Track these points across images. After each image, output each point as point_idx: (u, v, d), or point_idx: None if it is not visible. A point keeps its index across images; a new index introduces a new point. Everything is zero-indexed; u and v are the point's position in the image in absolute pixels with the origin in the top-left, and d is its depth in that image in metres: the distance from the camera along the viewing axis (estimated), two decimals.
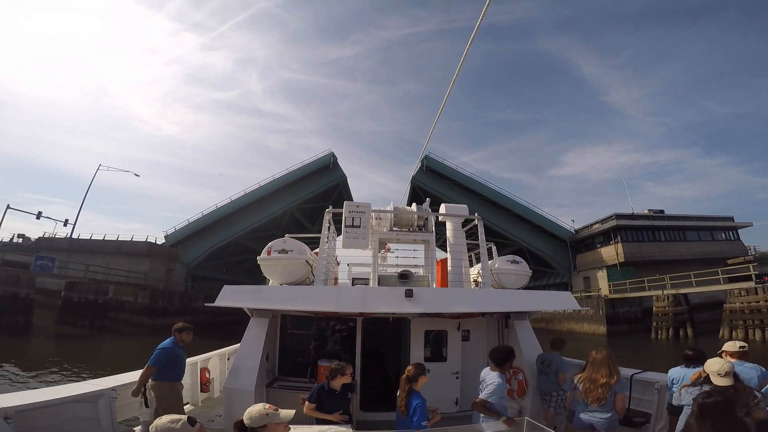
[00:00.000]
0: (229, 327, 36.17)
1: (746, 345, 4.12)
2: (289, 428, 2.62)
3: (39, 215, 38.10)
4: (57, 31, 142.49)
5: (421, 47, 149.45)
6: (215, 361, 7.45)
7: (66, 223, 39.89)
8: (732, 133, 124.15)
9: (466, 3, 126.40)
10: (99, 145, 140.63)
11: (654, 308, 28.68)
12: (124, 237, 38.97)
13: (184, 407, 5.63)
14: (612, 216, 36.31)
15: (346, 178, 44.07)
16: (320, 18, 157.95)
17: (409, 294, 4.79)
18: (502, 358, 4.19)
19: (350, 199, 48.41)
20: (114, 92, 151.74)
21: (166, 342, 5.02)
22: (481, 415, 3.96)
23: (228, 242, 40.98)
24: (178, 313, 35.54)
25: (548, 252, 40.09)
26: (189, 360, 6.20)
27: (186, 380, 5.95)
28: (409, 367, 3.96)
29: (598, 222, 38.28)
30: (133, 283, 34.51)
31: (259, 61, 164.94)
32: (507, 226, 39.83)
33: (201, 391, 6.71)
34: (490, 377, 4.06)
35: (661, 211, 39.69)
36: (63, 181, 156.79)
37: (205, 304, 5.66)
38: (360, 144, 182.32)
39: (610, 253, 35.32)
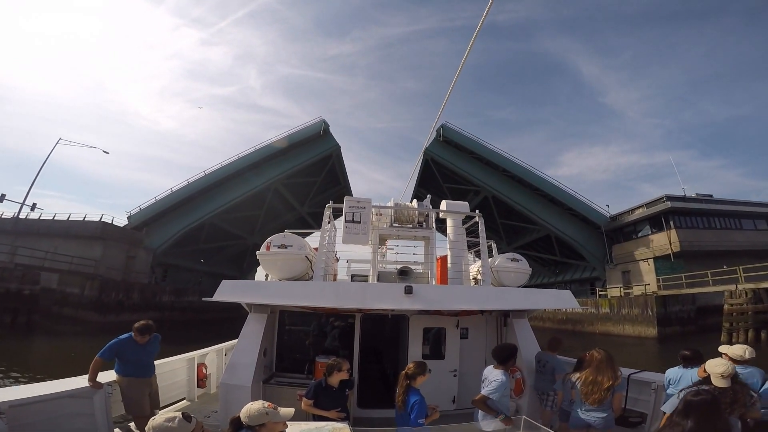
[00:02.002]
0: (201, 326, 30.85)
1: (753, 351, 3.97)
2: (287, 426, 2.57)
3: (2, 198, 31.39)
4: (57, 28, 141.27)
5: (421, 45, 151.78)
6: (212, 357, 7.37)
7: (34, 207, 33.50)
8: (729, 135, 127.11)
9: (467, 1, 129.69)
10: (96, 139, 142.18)
11: (726, 306, 23.70)
12: (78, 217, 32.56)
13: (179, 403, 6.17)
14: (662, 198, 31.12)
15: (340, 148, 38.39)
16: (320, 14, 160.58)
17: (408, 291, 4.83)
18: (505, 357, 4.24)
19: (344, 173, 43.52)
20: (112, 87, 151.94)
21: (124, 335, 4.87)
22: (480, 412, 4.01)
23: (201, 223, 35.07)
24: (138, 308, 30.07)
25: (580, 240, 34.91)
26: (186, 355, 6.69)
27: (182, 376, 6.48)
28: (410, 365, 3.95)
29: (641, 206, 33.08)
30: (82, 271, 28.43)
31: (259, 56, 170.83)
32: (534, 207, 34.71)
33: (198, 387, 6.71)
34: (493, 375, 4.10)
35: (710, 196, 34.73)
36: (58, 174, 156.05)
37: (203, 299, 5.64)
38: (358, 140, 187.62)
39: (661, 241, 30.18)
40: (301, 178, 37.74)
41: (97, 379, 4.50)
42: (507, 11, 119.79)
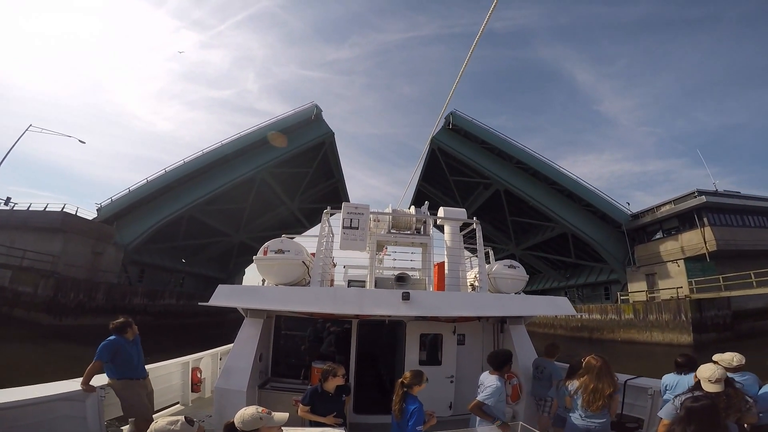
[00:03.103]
0: (179, 333, 27.31)
1: (743, 358, 4.10)
2: (282, 431, 2.59)
3: None
4: (57, 28, 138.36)
5: (419, 51, 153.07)
6: (207, 361, 7.37)
7: (7, 201, 29.77)
8: (721, 144, 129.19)
9: (465, 9, 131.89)
10: (91, 139, 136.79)
11: None
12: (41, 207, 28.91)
13: (173, 407, 6.20)
14: (693, 193, 28.36)
15: (334, 135, 35.32)
16: (320, 19, 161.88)
17: (406, 297, 4.91)
18: (501, 362, 4.36)
19: (338, 165, 40.41)
20: (109, 88, 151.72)
21: (111, 337, 4.75)
22: (477, 418, 4.10)
23: (179, 216, 31.75)
24: (102, 311, 26.64)
25: (598, 239, 32.04)
26: (180, 359, 6.64)
27: (177, 380, 6.45)
28: (407, 373, 3.92)
29: (668, 202, 30.24)
30: (37, 268, 24.89)
31: (257, 60, 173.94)
32: (550, 203, 31.83)
33: (192, 391, 6.67)
34: (489, 381, 4.20)
35: (738, 192, 32.15)
36: (53, 175, 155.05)
37: (199, 303, 5.66)
38: (355, 146, 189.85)
39: (693, 240, 27.35)
40: (290, 168, 34.64)
41: (90, 383, 4.46)
42: (504, 18, 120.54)
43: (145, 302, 31.18)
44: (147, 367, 5.23)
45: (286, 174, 34.74)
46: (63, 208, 28.34)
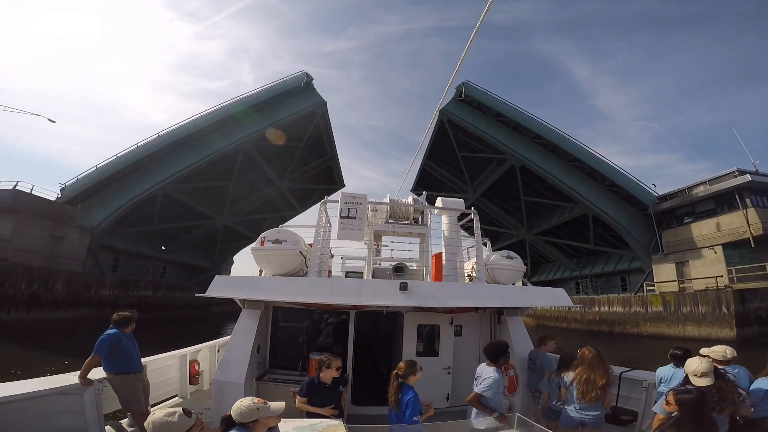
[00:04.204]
0: (156, 327, 24.72)
1: (734, 351, 4.16)
2: (280, 421, 2.64)
3: None
4: (51, 22, 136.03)
5: (417, 44, 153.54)
6: (205, 353, 7.42)
7: None
8: (715, 140, 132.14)
9: (464, 2, 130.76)
10: (85, 130, 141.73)
11: None
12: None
13: (171, 400, 6.22)
14: (733, 172, 25.48)
15: (326, 105, 31.83)
16: (317, 10, 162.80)
17: (403, 287, 4.97)
18: (497, 354, 4.34)
19: (331, 141, 37.14)
20: (103, 79, 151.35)
21: (109, 330, 4.77)
22: (474, 410, 4.10)
23: (153, 193, 28.43)
24: (62, 304, 23.51)
25: (623, 222, 29.23)
26: (178, 352, 6.64)
27: (174, 372, 6.48)
28: (401, 364, 3.96)
29: (701, 183, 27.37)
30: None
31: (252, 51, 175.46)
32: (569, 180, 28.97)
33: (190, 384, 6.69)
34: (486, 372, 4.19)
35: None
36: (43, 167, 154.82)
37: (196, 294, 5.72)
38: (351, 137, 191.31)
39: (734, 224, 24.61)
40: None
41: (88, 376, 4.47)
42: (504, 11, 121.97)
43: (116, 294, 27.97)
44: (144, 359, 5.24)
45: (273, 149, 31.23)
46: (16, 185, 24.79)
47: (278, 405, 2.52)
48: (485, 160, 32.73)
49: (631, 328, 27.70)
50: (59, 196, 28.43)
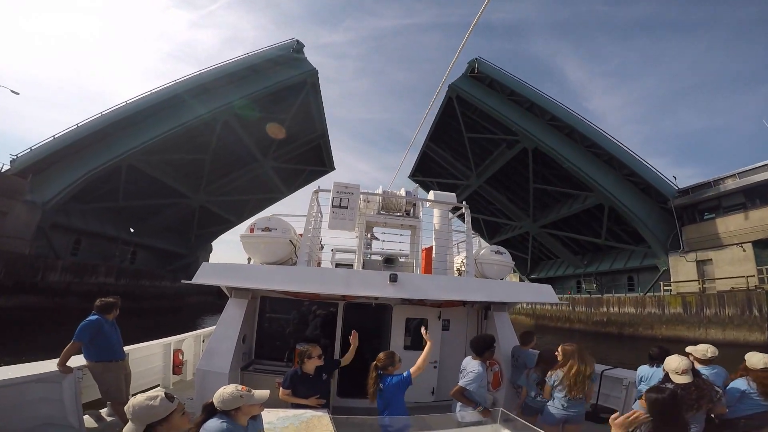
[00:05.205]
0: (120, 320, 20.86)
1: (716, 350, 4.16)
2: (263, 409, 2.60)
3: None
4: (47, 18, 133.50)
5: (414, 38, 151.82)
6: (189, 343, 7.47)
7: None
8: (703, 145, 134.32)
9: None
10: (73, 117, 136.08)
11: None
12: None
13: (155, 389, 5.02)
14: (766, 164, 23.41)
15: (318, 73, 28.74)
16: (314, 1, 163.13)
17: (393, 279, 4.99)
18: (483, 348, 4.34)
19: (322, 115, 33.82)
20: (94, 67, 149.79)
21: (91, 317, 4.73)
22: (459, 403, 4.13)
23: (116, 164, 24.82)
24: (1, 290, 19.92)
25: (641, 215, 27.07)
26: (162, 341, 6.63)
27: (158, 362, 6.47)
28: (381, 355, 4.00)
29: (731, 175, 25.26)
30: None
31: (248, 41, 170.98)
32: (585, 167, 26.70)
33: (173, 374, 6.71)
34: (471, 366, 4.21)
35: None
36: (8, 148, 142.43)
37: (182, 281, 5.84)
38: (345, 130, 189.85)
39: (767, 219, 22.60)
40: (261, 112, 27.87)
41: (67, 364, 4.40)
42: (503, 11, 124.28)
43: (68, 280, 24.62)
44: (127, 348, 5.21)
45: (257, 122, 28.04)
46: None
47: (262, 393, 2.50)
48: (493, 142, 30.19)
49: (644, 331, 25.95)
50: (7, 167, 24.93)
